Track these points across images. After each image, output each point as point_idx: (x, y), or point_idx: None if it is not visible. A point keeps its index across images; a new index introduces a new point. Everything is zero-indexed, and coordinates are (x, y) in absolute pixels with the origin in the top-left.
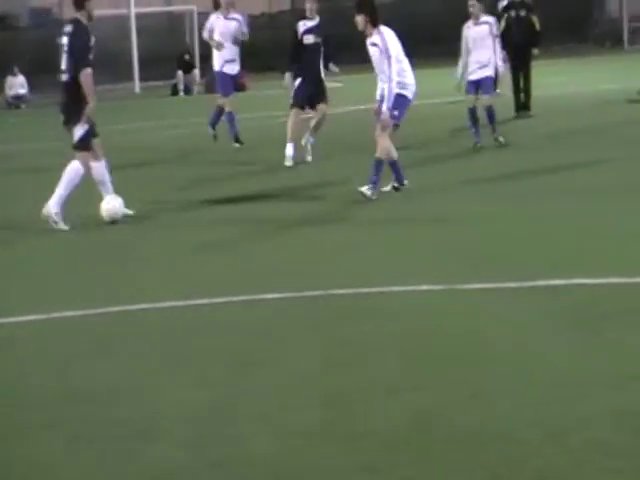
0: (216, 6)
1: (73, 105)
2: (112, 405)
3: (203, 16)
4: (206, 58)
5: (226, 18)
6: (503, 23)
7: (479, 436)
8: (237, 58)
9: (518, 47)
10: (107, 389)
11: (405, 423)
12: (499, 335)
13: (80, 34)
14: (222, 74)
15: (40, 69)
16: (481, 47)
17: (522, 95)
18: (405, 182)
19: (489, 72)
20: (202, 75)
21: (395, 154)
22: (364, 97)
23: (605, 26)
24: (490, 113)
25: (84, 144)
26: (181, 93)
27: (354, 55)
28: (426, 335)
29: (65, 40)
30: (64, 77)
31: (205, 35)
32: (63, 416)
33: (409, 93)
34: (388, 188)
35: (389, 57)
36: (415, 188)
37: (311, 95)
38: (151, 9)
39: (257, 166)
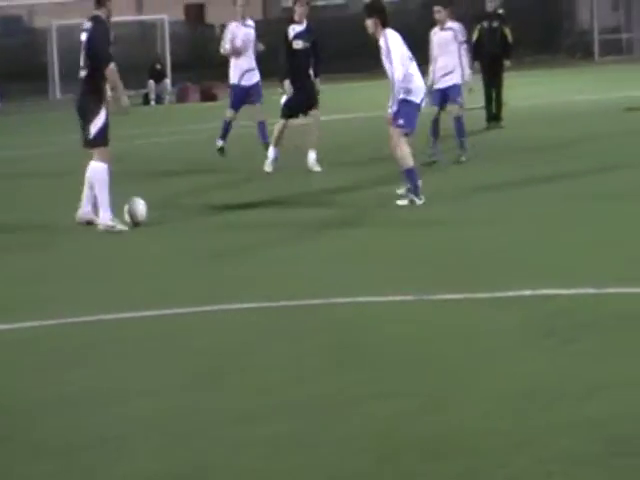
0: (188, 16)
1: (89, 101)
2: (77, 413)
3: (174, 25)
4: (177, 68)
5: (244, 25)
6: (476, 34)
7: (445, 446)
8: (255, 66)
9: (490, 58)
10: (72, 398)
11: (370, 432)
12: (468, 345)
13: (101, 30)
14: (239, 88)
15: (10, 77)
16: (445, 53)
17: (493, 106)
18: (420, 198)
19: (455, 80)
20: (173, 84)
21: (410, 162)
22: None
23: (576, 38)
24: (459, 125)
25: (101, 139)
26: (152, 102)
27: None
28: (395, 345)
29: (84, 37)
30: (82, 73)
31: (227, 47)
32: (29, 425)
33: (415, 98)
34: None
35: (391, 61)
36: (382, 197)
37: (302, 102)
38: (122, 18)
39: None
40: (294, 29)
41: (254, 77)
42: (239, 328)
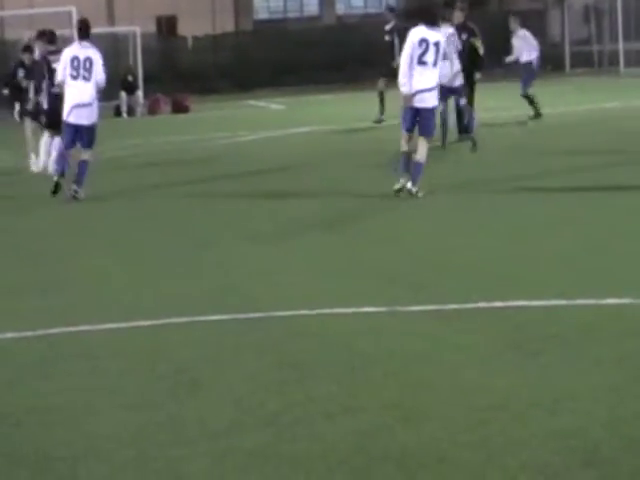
0: (159, 28)
1: None
2: (50, 426)
3: (146, 37)
4: (149, 79)
5: None
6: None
7: (416, 458)
8: None
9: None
10: (45, 410)
11: (343, 445)
12: (438, 357)
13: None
14: None
15: None
16: None
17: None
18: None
19: None
20: (145, 96)
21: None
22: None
23: (547, 50)
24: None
25: None
26: (124, 114)
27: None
28: (365, 357)
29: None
30: None
31: None
32: (1, 439)
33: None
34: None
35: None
36: (350, 208)
37: None
38: (94, 30)
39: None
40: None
41: None
42: (211, 340)
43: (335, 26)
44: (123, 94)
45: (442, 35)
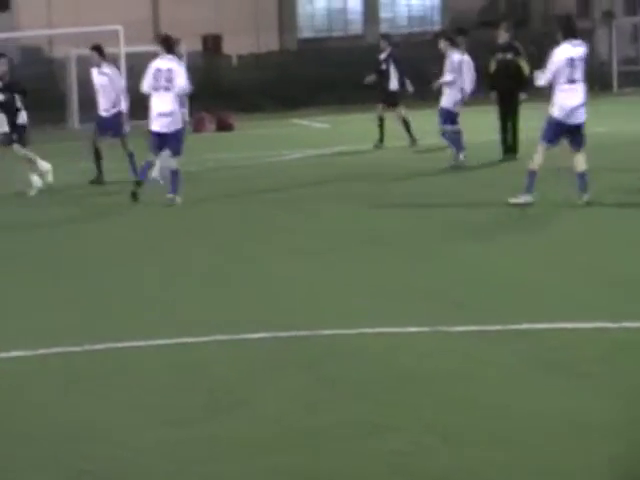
0: (205, 46)
1: None
2: (92, 441)
3: (191, 55)
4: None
5: None
6: (493, 65)
7: (454, 479)
8: None
9: (504, 91)
10: (86, 427)
11: (381, 464)
12: (480, 378)
13: None
14: None
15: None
16: None
17: (509, 138)
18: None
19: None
20: (190, 114)
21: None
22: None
23: (594, 69)
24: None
25: None
26: None
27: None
28: (405, 376)
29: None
30: None
31: None
32: (46, 454)
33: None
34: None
35: None
36: (392, 229)
37: None
38: (139, 48)
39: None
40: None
41: None
42: (252, 358)
43: (378, 45)
44: None
45: (457, 61)
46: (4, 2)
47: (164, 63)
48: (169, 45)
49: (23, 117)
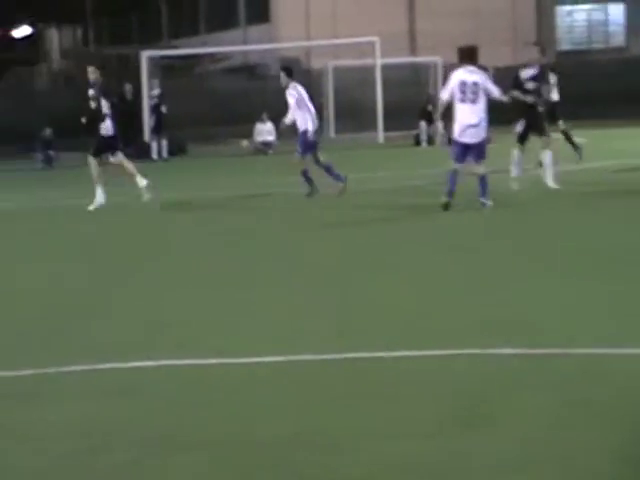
0: (461, 58)
1: None
2: (335, 452)
3: (447, 67)
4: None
5: None
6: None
7: None
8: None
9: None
10: (324, 435)
11: None
12: None
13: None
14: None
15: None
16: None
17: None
18: None
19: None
20: (445, 126)
21: None
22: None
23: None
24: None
25: None
26: (423, 144)
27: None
28: None
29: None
30: None
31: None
32: (289, 460)
33: None
34: None
35: None
36: None
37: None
38: (396, 60)
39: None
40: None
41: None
42: (500, 374)
43: None
44: (423, 123)
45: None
46: (265, 14)
47: (468, 75)
48: (471, 56)
49: (108, 127)
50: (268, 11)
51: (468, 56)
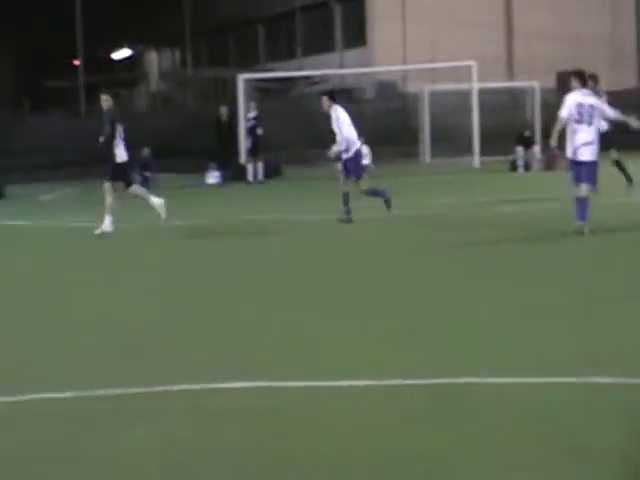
0: (560, 83)
1: None
2: (430, 478)
3: (545, 92)
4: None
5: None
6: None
7: None
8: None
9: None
10: (419, 458)
11: None
12: None
13: None
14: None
15: (381, 140)
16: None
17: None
18: None
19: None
20: (543, 152)
21: None
22: None
23: None
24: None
25: None
26: (520, 169)
27: None
28: None
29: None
30: None
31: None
32: None
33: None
34: None
35: None
36: None
37: None
38: (492, 85)
39: None
40: None
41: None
42: (597, 403)
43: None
44: (519, 149)
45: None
46: (361, 38)
47: (585, 99)
48: (584, 80)
49: (121, 154)
50: (365, 35)
51: (583, 80)
